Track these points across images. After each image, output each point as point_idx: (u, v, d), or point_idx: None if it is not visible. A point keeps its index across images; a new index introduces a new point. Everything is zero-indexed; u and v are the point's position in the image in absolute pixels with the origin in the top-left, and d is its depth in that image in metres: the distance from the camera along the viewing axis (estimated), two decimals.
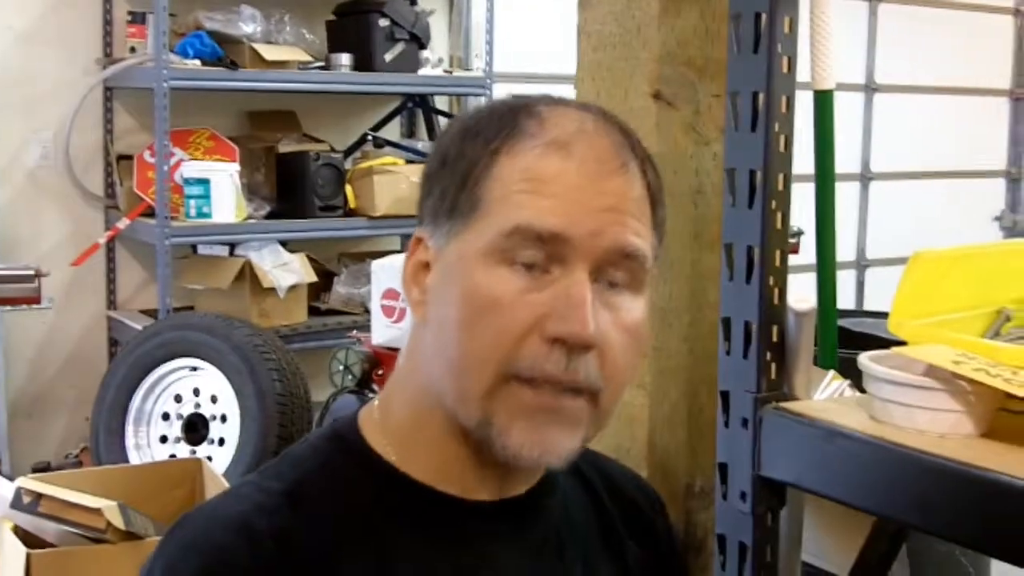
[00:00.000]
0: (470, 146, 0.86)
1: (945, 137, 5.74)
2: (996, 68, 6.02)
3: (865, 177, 5.56)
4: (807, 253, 1.43)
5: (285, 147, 3.96)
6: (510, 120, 0.86)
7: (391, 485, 0.87)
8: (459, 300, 0.82)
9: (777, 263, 1.04)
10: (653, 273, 0.87)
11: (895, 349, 1.18)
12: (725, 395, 1.06)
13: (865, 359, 1.18)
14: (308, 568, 0.82)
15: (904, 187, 5.65)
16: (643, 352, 0.88)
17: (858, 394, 1.34)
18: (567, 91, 1.17)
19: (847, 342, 1.85)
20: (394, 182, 3.92)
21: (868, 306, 4.88)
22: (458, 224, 0.84)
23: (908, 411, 1.11)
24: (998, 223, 6.06)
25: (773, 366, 1.05)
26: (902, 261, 1.15)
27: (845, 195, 5.32)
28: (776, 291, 1.05)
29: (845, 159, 5.34)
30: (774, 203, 1.02)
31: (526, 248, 0.81)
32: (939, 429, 1.10)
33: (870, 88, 5.52)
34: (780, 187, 1.02)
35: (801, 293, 1.10)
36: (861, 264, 5.58)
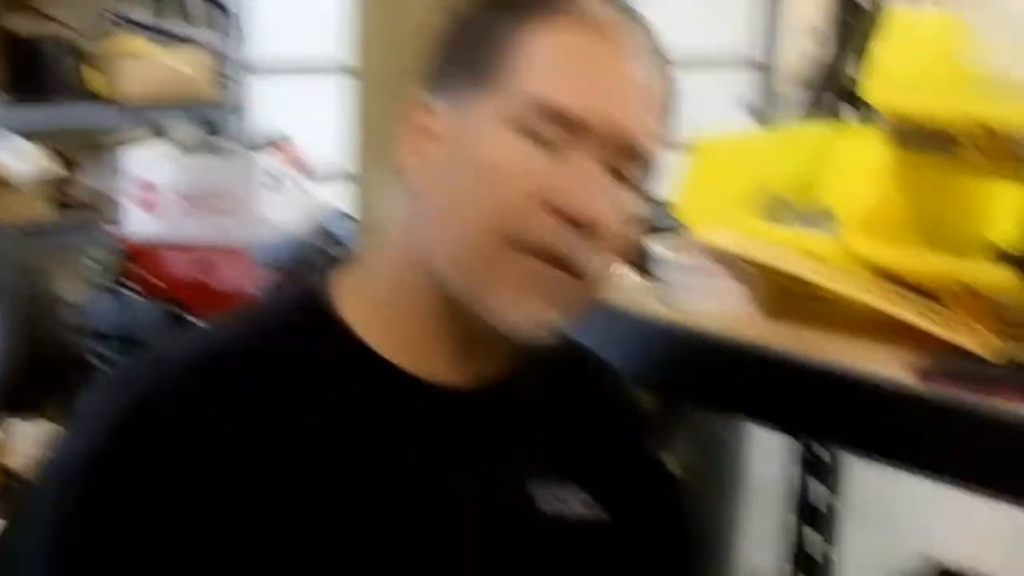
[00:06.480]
0: (499, 14, 0.84)
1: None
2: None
3: None
4: None
5: (17, 26, 3.67)
6: None
7: (351, 355, 0.84)
8: (468, 167, 0.81)
9: None
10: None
11: (682, 234, 1.21)
12: None
13: (653, 244, 1.20)
14: (234, 404, 0.80)
15: None
16: (631, 245, 0.89)
17: (641, 279, 1.37)
18: None
19: None
20: (145, 68, 3.74)
21: None
22: (478, 93, 0.82)
23: (695, 294, 1.15)
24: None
25: None
26: None
27: None
28: None
29: None
30: None
31: (544, 123, 0.80)
32: (726, 311, 1.13)
33: None
34: None
35: None
36: None
